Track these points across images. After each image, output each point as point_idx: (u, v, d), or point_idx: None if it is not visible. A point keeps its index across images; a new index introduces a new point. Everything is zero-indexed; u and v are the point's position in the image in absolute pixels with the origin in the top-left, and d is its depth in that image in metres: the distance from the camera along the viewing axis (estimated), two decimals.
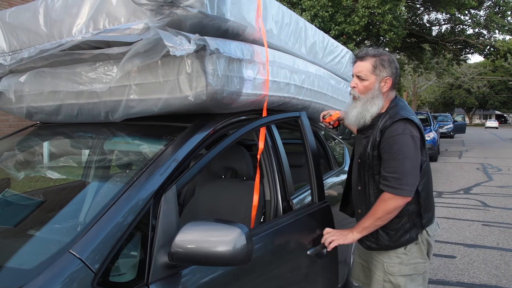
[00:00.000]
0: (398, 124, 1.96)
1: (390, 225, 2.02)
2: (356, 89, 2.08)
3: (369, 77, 2.04)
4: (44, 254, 1.27)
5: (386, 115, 2.03)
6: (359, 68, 2.06)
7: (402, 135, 1.94)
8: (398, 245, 2.05)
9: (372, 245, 2.10)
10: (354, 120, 2.09)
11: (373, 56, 2.04)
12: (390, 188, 1.93)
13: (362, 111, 2.05)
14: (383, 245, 2.06)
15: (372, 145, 2.02)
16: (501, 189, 8.93)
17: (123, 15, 1.83)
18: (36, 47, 2.08)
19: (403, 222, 2.03)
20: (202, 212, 2.60)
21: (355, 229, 2.06)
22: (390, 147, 1.95)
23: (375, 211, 1.98)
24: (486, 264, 4.50)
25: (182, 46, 1.55)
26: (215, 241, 1.41)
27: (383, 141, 1.98)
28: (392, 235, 2.04)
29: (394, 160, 1.93)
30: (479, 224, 6.12)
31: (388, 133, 1.96)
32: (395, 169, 1.92)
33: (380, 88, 2.05)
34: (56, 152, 2.38)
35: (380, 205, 1.97)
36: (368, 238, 2.08)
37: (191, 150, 1.76)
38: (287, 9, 2.53)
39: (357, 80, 2.07)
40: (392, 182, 1.92)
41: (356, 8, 14.37)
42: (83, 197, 1.77)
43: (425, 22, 22.44)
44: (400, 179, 1.91)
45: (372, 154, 2.02)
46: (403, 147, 1.92)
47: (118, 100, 1.93)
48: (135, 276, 1.38)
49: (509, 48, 18.74)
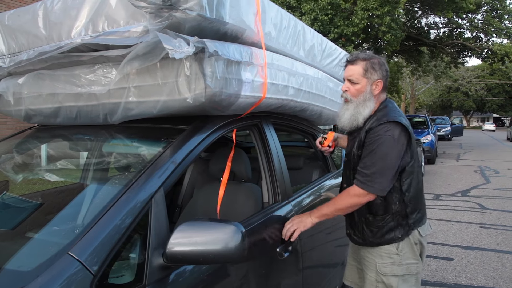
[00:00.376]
0: (382, 126, 2.00)
1: (373, 222, 2.10)
2: (348, 92, 2.12)
3: (361, 81, 2.08)
4: (43, 256, 1.27)
5: (373, 117, 2.07)
6: (350, 72, 2.10)
7: (383, 136, 1.98)
8: (382, 242, 2.10)
9: (359, 240, 2.19)
10: (347, 122, 2.13)
11: (364, 60, 2.08)
12: (357, 181, 2.01)
13: (355, 113, 2.09)
14: (368, 241, 2.14)
15: (357, 146, 2.09)
16: (499, 192, 8.95)
17: (122, 17, 1.83)
18: (35, 49, 2.08)
19: (386, 220, 2.08)
20: (200, 214, 2.60)
21: (314, 213, 2.13)
22: (368, 146, 2.02)
23: (338, 201, 2.08)
24: (483, 266, 4.51)
25: (181, 48, 1.56)
26: (211, 240, 1.43)
27: (366, 141, 2.04)
28: (375, 232, 2.10)
29: (368, 157, 2.00)
30: (477, 226, 6.13)
31: (372, 133, 2.02)
32: (366, 165, 1.99)
33: (372, 91, 2.09)
34: (55, 154, 2.38)
35: (344, 197, 2.07)
36: (355, 233, 2.20)
37: (190, 152, 1.77)
38: (285, 12, 2.54)
39: (349, 84, 2.11)
40: (360, 177, 2.00)
41: (355, 11, 14.41)
42: (82, 199, 1.77)
43: (423, 26, 22.52)
44: (368, 176, 1.98)
45: (357, 154, 2.09)
46: (381, 147, 1.97)
47: (117, 102, 1.93)
48: (133, 278, 1.38)
49: (506, 51, 18.80)
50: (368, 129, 2.04)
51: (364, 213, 2.13)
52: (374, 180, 1.97)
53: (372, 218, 2.11)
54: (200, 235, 1.43)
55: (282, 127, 2.83)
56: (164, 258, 1.43)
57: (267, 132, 2.46)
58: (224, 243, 1.42)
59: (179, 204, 3.24)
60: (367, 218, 2.12)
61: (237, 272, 1.85)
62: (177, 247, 1.41)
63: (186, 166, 1.74)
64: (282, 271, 2.19)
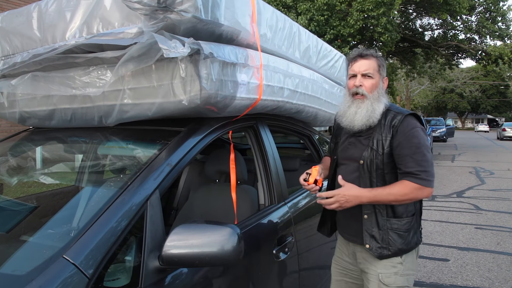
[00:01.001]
0: (409, 119, 1.95)
1: (402, 225, 1.95)
2: (364, 88, 1.98)
3: (375, 76, 2.00)
4: (38, 259, 1.26)
5: (389, 113, 1.98)
6: (366, 66, 1.99)
7: (417, 128, 1.92)
8: (410, 248, 1.97)
9: (384, 252, 1.94)
10: (363, 120, 1.96)
11: (376, 57, 2.02)
12: (420, 180, 1.85)
13: (372, 110, 1.96)
14: (396, 250, 1.94)
15: (382, 144, 1.94)
16: (494, 193, 8.99)
17: (117, 19, 1.83)
18: (30, 51, 2.07)
19: (413, 222, 1.98)
20: (196, 216, 2.59)
21: (366, 197, 1.88)
22: (409, 142, 1.90)
23: (398, 194, 1.86)
24: (479, 267, 4.52)
25: (176, 49, 1.56)
26: (208, 242, 1.43)
27: (399, 137, 1.91)
28: (405, 236, 1.95)
29: (416, 153, 1.88)
30: (472, 227, 6.15)
31: (402, 128, 1.92)
32: (421, 162, 1.87)
33: (383, 87, 2.04)
34: (50, 157, 2.36)
35: (405, 192, 1.86)
36: (380, 244, 1.94)
37: (185, 154, 1.76)
38: (281, 13, 2.54)
39: (363, 79, 1.99)
40: (422, 175, 1.85)
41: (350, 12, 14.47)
42: (77, 202, 1.76)
43: (418, 27, 22.63)
44: (428, 171, 1.87)
45: (383, 152, 1.93)
46: (421, 140, 1.90)
47: (112, 104, 1.92)
48: (129, 281, 1.38)
49: (500, 53, 18.93)
50: (394, 124, 1.94)
51: (389, 217, 1.95)
52: (432, 173, 1.88)
53: (397, 221, 1.95)
54: (196, 238, 1.43)
55: (277, 129, 2.83)
56: (160, 260, 1.42)
57: (262, 134, 2.46)
58: (220, 246, 1.42)
59: (174, 207, 3.23)
60: (392, 222, 1.95)
61: (233, 274, 1.85)
62: (173, 250, 1.41)
63: (181, 168, 1.73)
64: (279, 272, 2.18)
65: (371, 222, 1.97)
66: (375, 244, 1.95)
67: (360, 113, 1.97)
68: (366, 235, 1.97)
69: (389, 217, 1.95)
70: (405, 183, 1.87)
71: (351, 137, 2.08)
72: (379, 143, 1.95)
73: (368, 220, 1.97)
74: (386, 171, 1.95)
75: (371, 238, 1.96)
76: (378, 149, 1.95)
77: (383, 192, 1.87)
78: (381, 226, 1.95)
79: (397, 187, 1.87)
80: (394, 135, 1.93)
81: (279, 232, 2.23)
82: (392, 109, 2.00)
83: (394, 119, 1.95)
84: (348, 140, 2.10)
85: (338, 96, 3.41)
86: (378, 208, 1.95)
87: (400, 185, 1.87)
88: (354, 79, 2.01)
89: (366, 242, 1.97)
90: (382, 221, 1.95)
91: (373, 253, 1.95)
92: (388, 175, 1.95)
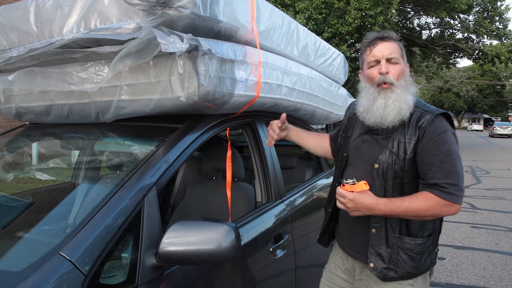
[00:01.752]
0: (439, 120, 1.64)
1: (417, 245, 1.66)
2: (391, 74, 1.65)
3: (401, 61, 1.68)
4: (34, 256, 1.26)
5: (416, 110, 1.66)
6: (389, 49, 1.67)
7: (448, 132, 1.62)
8: (420, 273, 1.70)
9: (390, 274, 1.67)
10: (395, 114, 1.63)
11: (395, 39, 1.71)
12: (447, 195, 1.55)
13: (402, 102, 1.63)
14: (404, 273, 1.66)
15: (404, 147, 1.63)
16: (489, 192, 9.03)
17: (115, 15, 1.82)
18: (26, 46, 2.05)
19: (429, 243, 1.69)
20: (193, 213, 2.59)
21: (381, 210, 1.59)
22: (436, 148, 1.59)
23: (419, 209, 1.57)
24: (474, 265, 4.54)
25: (175, 44, 1.55)
26: (205, 239, 1.42)
27: (426, 140, 1.61)
28: (417, 259, 1.67)
29: (445, 162, 1.58)
30: (468, 226, 6.17)
31: (431, 130, 1.61)
32: (450, 174, 1.57)
33: (409, 75, 1.72)
34: (46, 153, 2.35)
35: (427, 207, 1.57)
36: (386, 265, 1.67)
37: (183, 151, 1.75)
38: (279, 11, 2.53)
39: (388, 64, 1.66)
40: (450, 189, 1.56)
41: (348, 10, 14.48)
42: (74, 198, 1.75)
43: (415, 26, 22.67)
44: (457, 185, 1.57)
45: (405, 157, 1.63)
46: (452, 147, 1.60)
47: (109, 100, 1.91)
48: (125, 278, 1.37)
49: (497, 52, 19.00)
50: (421, 125, 1.63)
51: (401, 234, 1.67)
52: (462, 188, 1.58)
53: (411, 240, 1.66)
54: (193, 235, 1.42)
55: None
56: (156, 258, 1.42)
57: (260, 131, 2.46)
58: (217, 243, 1.41)
59: (171, 204, 3.22)
60: (405, 241, 1.66)
61: (230, 272, 1.85)
62: (170, 247, 1.40)
63: (179, 165, 1.73)
64: (275, 270, 2.18)
65: (380, 238, 1.68)
66: (381, 264, 1.67)
67: (391, 106, 1.63)
68: (372, 252, 1.70)
69: (402, 234, 1.66)
70: (428, 196, 1.57)
71: (365, 134, 1.77)
72: (400, 145, 1.64)
73: (376, 235, 1.69)
74: (407, 180, 1.65)
75: (377, 257, 1.69)
76: (399, 153, 1.63)
77: (402, 205, 1.58)
78: (391, 244, 1.67)
79: (419, 201, 1.57)
80: (420, 138, 1.61)
81: (276, 230, 2.23)
82: (419, 105, 1.68)
83: (421, 119, 1.64)
84: (362, 137, 1.78)
85: (336, 94, 3.41)
86: (390, 223, 1.67)
87: (422, 198, 1.58)
88: (377, 67, 1.68)
89: (371, 261, 1.69)
90: (392, 238, 1.67)
91: (377, 274, 1.68)
92: (407, 186, 1.65)
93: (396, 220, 1.65)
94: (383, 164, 1.65)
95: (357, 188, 1.61)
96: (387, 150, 1.66)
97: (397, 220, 1.65)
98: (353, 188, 1.61)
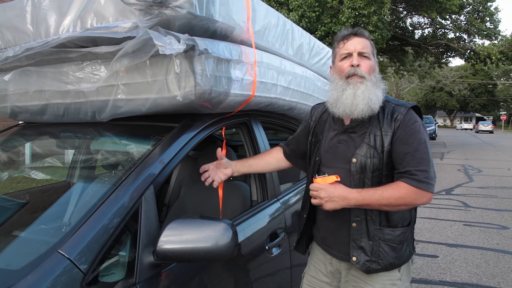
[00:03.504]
0: (412, 112, 1.70)
1: (397, 236, 1.70)
2: (362, 68, 1.69)
3: (372, 57, 1.74)
4: (32, 254, 1.26)
5: (387, 104, 1.73)
6: (362, 44, 1.72)
7: (419, 123, 1.68)
8: (401, 263, 1.74)
9: (372, 266, 1.69)
10: (365, 103, 1.66)
11: (368, 38, 1.76)
12: (418, 182, 1.58)
13: (373, 94, 1.67)
14: (387, 264, 1.69)
15: (381, 140, 1.67)
16: (482, 190, 9.11)
17: (111, 14, 1.82)
18: (22, 45, 2.05)
19: (408, 232, 1.74)
20: (189, 212, 2.60)
21: (355, 199, 1.61)
22: (409, 137, 1.64)
23: (391, 197, 1.58)
24: (467, 263, 4.59)
25: (172, 45, 1.56)
26: (202, 237, 1.43)
27: (400, 132, 1.65)
28: (398, 249, 1.70)
29: (418, 150, 1.62)
30: (461, 224, 6.23)
31: (405, 122, 1.66)
32: (422, 160, 1.61)
33: (379, 73, 1.78)
34: (41, 152, 2.34)
35: (399, 195, 1.59)
36: (369, 257, 1.69)
37: (179, 150, 1.76)
38: (274, 10, 2.54)
39: (360, 58, 1.71)
40: (420, 176, 1.59)
41: (341, 9, 14.53)
42: (72, 197, 1.75)
43: (408, 26, 22.80)
44: (428, 172, 1.61)
45: (383, 150, 1.66)
46: (423, 136, 1.65)
47: (105, 100, 1.91)
48: (124, 276, 1.38)
49: (488, 52, 19.16)
50: (395, 117, 1.68)
51: (382, 226, 1.70)
52: (432, 176, 1.62)
53: (391, 231, 1.70)
54: (191, 233, 1.43)
55: (270, 126, 2.84)
56: (154, 256, 1.43)
57: (255, 130, 2.47)
58: (214, 241, 1.42)
59: (166, 203, 3.22)
60: (385, 232, 1.69)
61: (227, 270, 1.86)
62: (167, 245, 1.41)
63: (176, 163, 1.74)
64: (271, 268, 2.20)
65: (360, 232, 1.70)
66: (364, 257, 1.69)
67: (361, 96, 1.66)
68: (354, 246, 1.71)
69: (382, 226, 1.69)
70: (400, 185, 1.60)
71: (342, 134, 1.78)
72: (377, 139, 1.67)
73: (357, 229, 1.71)
74: (385, 172, 1.68)
75: (359, 250, 1.70)
76: (377, 146, 1.67)
77: (375, 194, 1.60)
78: (372, 236, 1.69)
79: (391, 189, 1.60)
80: (395, 130, 1.66)
81: (272, 228, 2.24)
82: (390, 100, 1.75)
83: (395, 112, 1.69)
84: (338, 138, 1.79)
85: None
86: (370, 215, 1.69)
87: (395, 187, 1.60)
88: (349, 59, 1.72)
89: (353, 254, 1.71)
90: (373, 230, 1.69)
91: (360, 267, 1.70)
92: (386, 178, 1.68)
93: (376, 212, 1.69)
94: (361, 158, 1.69)
95: (329, 180, 1.66)
96: (364, 144, 1.69)
97: (376, 212, 1.68)
98: (324, 180, 1.66)
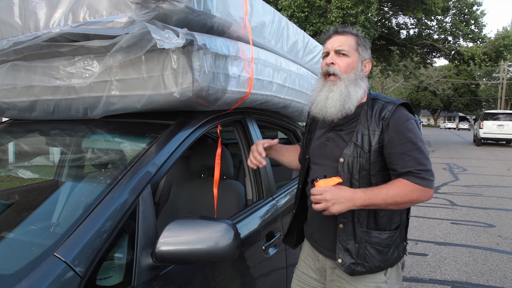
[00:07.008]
0: (401, 109, 1.66)
1: (383, 239, 1.67)
2: (336, 66, 1.68)
3: (352, 55, 1.70)
4: (26, 258, 1.20)
5: (376, 102, 1.70)
6: (340, 42, 1.70)
7: (411, 120, 1.64)
8: (387, 266, 1.70)
9: (357, 268, 1.66)
10: (337, 107, 1.65)
11: (355, 35, 1.74)
12: (422, 180, 1.57)
13: (347, 94, 1.65)
14: (372, 267, 1.66)
15: (368, 139, 1.64)
16: (467, 189, 9.21)
17: (105, 7, 1.75)
18: (10, 39, 1.97)
19: (396, 236, 1.71)
20: (181, 211, 2.55)
21: (361, 200, 1.56)
22: (404, 137, 1.60)
23: (397, 195, 1.56)
24: (456, 261, 4.62)
25: (170, 40, 1.50)
26: (203, 238, 1.38)
27: (391, 131, 1.62)
28: (385, 252, 1.67)
29: (414, 150, 1.59)
30: (448, 222, 6.28)
31: (395, 121, 1.62)
32: (420, 160, 1.59)
33: (363, 70, 1.74)
34: (29, 150, 2.27)
35: (405, 192, 1.56)
36: (354, 260, 1.66)
37: (176, 148, 1.72)
38: (270, 7, 2.50)
39: (336, 56, 1.70)
40: (423, 174, 1.57)
41: (329, 9, 14.58)
42: (66, 197, 1.69)
43: (394, 26, 22.99)
44: (429, 170, 1.59)
45: (370, 149, 1.63)
46: (417, 134, 1.63)
47: (98, 96, 1.85)
48: (122, 279, 1.33)
49: (472, 53, 19.44)
50: (384, 116, 1.64)
51: (369, 228, 1.67)
52: (432, 173, 1.60)
53: (378, 234, 1.67)
54: (191, 234, 1.38)
55: (264, 124, 2.80)
56: (153, 258, 1.38)
57: (250, 128, 2.43)
58: (215, 242, 1.38)
59: (156, 202, 3.16)
60: (372, 235, 1.66)
61: (224, 270, 1.82)
62: (166, 247, 1.36)
63: (172, 162, 1.69)
64: (268, 268, 2.16)
65: (347, 233, 1.67)
66: (349, 259, 1.66)
67: (332, 98, 1.66)
68: (340, 247, 1.68)
69: (369, 229, 1.66)
70: (404, 183, 1.57)
71: (329, 132, 1.77)
72: (364, 138, 1.64)
73: (344, 231, 1.68)
74: (373, 172, 1.65)
75: (345, 252, 1.67)
76: (364, 145, 1.63)
77: (380, 193, 1.56)
78: (359, 239, 1.66)
79: (397, 187, 1.57)
80: (384, 129, 1.62)
81: (268, 228, 2.21)
82: (380, 98, 1.72)
83: (383, 110, 1.65)
84: (326, 136, 1.78)
85: None
86: (358, 217, 1.66)
87: (399, 185, 1.58)
88: (327, 58, 1.73)
89: (339, 256, 1.68)
90: (360, 233, 1.66)
91: (345, 269, 1.67)
92: (374, 178, 1.65)
93: (364, 215, 1.66)
94: (348, 158, 1.66)
95: (331, 182, 1.59)
96: (351, 144, 1.66)
97: (365, 214, 1.66)
98: (327, 182, 1.59)
